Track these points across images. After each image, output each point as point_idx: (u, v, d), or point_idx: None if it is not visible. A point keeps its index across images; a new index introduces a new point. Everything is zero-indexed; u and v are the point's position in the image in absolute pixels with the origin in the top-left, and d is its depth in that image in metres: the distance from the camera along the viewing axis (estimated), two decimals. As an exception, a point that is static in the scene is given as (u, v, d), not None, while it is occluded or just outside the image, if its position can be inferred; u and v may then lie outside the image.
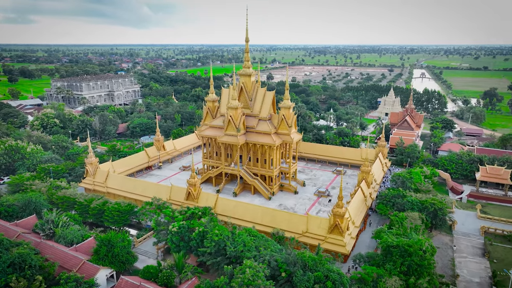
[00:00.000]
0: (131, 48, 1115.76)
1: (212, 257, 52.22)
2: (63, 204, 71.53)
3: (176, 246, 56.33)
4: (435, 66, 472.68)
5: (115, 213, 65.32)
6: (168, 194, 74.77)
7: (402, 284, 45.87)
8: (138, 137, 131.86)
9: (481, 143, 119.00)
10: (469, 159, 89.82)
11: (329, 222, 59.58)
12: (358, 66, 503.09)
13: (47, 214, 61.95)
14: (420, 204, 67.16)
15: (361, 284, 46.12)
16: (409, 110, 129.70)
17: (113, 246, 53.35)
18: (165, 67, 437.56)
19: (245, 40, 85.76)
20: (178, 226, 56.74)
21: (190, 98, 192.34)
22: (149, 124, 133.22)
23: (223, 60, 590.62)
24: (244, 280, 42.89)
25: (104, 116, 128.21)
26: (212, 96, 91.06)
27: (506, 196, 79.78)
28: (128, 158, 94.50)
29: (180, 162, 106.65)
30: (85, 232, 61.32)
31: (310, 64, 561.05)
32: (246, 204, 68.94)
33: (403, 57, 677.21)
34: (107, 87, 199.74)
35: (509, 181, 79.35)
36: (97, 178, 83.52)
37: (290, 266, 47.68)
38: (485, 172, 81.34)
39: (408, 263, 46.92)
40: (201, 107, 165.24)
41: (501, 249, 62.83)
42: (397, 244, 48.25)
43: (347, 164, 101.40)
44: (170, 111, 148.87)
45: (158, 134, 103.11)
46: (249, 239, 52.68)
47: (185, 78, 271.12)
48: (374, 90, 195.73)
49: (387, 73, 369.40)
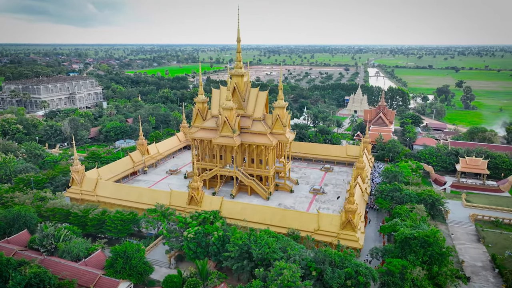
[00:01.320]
0: (77, 48, 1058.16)
1: (236, 261, 51.34)
2: (55, 217, 66.45)
3: (193, 253, 54.65)
4: (385, 65, 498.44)
5: (118, 222, 61.89)
6: (167, 199, 72.11)
7: (425, 273, 48.14)
8: (112, 142, 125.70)
9: (448, 136, 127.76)
10: (447, 152, 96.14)
11: (341, 218, 60.88)
12: (314, 65, 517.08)
13: (46, 228, 57.20)
14: (417, 196, 70.80)
15: (389, 276, 47.75)
16: (381, 107, 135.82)
17: (130, 258, 50.59)
18: (119, 67, 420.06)
19: (237, 40, 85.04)
20: (194, 231, 55.14)
21: (158, 99, 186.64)
22: (123, 127, 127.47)
23: (180, 60, 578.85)
24: (284, 282, 42.68)
25: (74, 120, 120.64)
26: (201, 98, 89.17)
27: (484, 185, 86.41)
28: (113, 164, 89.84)
29: (165, 166, 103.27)
30: (88, 244, 57.48)
31: (268, 64, 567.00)
32: (254, 206, 68.44)
33: (354, 56, 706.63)
34: (67, 90, 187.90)
35: (486, 171, 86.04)
36: (84, 186, 78.48)
37: (320, 264, 48.21)
38: (465, 164, 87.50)
39: (430, 253, 49.33)
40: (174, 109, 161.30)
41: (491, 234, 68.00)
42: (417, 235, 50.50)
43: (333, 161, 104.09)
44: (143, 113, 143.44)
45: (142, 137, 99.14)
46: (272, 240, 52.44)
47: (147, 79, 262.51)
48: (340, 89, 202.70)
49: (344, 72, 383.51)
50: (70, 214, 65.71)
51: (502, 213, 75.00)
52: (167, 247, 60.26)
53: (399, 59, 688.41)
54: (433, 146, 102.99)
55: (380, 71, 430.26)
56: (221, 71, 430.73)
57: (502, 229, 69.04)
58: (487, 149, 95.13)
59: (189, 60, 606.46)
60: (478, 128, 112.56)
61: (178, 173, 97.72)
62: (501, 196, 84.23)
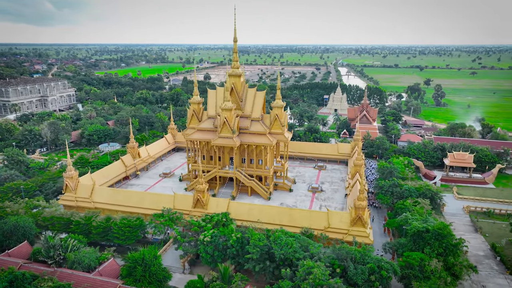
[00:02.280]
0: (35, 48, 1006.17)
1: (257, 263, 51.05)
2: (55, 226, 63.13)
3: (210, 256, 53.78)
4: (354, 64, 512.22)
5: (126, 229, 59.75)
6: (171, 203, 70.39)
7: (442, 265, 50.07)
8: (95, 146, 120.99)
9: (428, 132, 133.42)
10: (433, 147, 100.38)
11: (351, 215, 62.04)
12: (285, 65, 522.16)
13: (51, 238, 54.20)
14: (416, 191, 73.44)
15: (408, 269, 49.24)
16: (364, 105, 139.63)
17: (148, 265, 49.00)
18: (86, 68, 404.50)
19: (233, 40, 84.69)
20: (210, 235, 54.26)
21: (136, 101, 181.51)
22: (106, 130, 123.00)
23: (149, 60, 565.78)
24: (316, 281, 42.96)
25: (55, 124, 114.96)
26: (196, 99, 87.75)
27: (471, 177, 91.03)
28: (106, 169, 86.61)
29: (156, 169, 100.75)
30: (97, 253, 55.08)
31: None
32: (261, 206, 68.33)
33: (322, 56, 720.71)
34: (38, 92, 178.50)
35: (472, 165, 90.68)
36: (79, 193, 75.05)
37: (342, 261, 48.96)
38: (453, 158, 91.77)
39: (445, 245, 51.37)
40: (156, 110, 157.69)
41: (486, 224, 71.76)
42: (431, 228, 52.42)
43: (325, 159, 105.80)
44: (124, 115, 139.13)
45: (132, 140, 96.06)
46: (291, 240, 52.59)
47: (120, 80, 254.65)
48: (318, 88, 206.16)
49: (316, 72, 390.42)
50: (71, 222, 62.70)
51: (492, 204, 79.26)
52: (178, 252, 59.02)
53: (365, 58, 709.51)
54: (419, 142, 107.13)
55: (350, 70, 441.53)
56: (192, 71, 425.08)
57: (494, 219, 73.09)
58: (470, 144, 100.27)
59: (158, 60, 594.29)
60: (458, 124, 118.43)
61: (172, 176, 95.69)
62: (486, 188, 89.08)
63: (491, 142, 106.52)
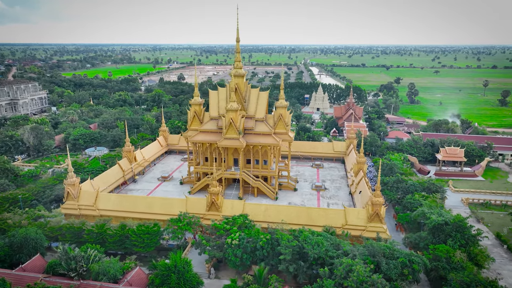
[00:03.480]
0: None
1: (290, 263, 50.97)
2: (65, 236, 59.76)
3: (239, 259, 53.07)
4: (323, 64, 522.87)
5: (144, 236, 57.64)
6: (183, 207, 68.68)
7: (465, 255, 52.36)
8: (81, 150, 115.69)
9: (413, 129, 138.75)
10: (424, 143, 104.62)
11: (368, 211, 63.38)
12: (256, 64, 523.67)
13: (71, 250, 51.25)
14: (420, 185, 76.26)
15: (436, 261, 51.07)
16: (350, 104, 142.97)
17: (181, 272, 47.58)
18: (50, 69, 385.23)
19: (236, 40, 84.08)
20: (237, 238, 53.54)
21: (114, 103, 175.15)
22: (92, 134, 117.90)
23: (116, 61, 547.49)
24: (359, 278, 43.56)
25: (38, 129, 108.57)
26: (197, 100, 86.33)
27: (462, 171, 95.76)
28: (105, 175, 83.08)
29: (153, 173, 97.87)
30: (119, 263, 52.75)
31: (209, 63, 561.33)
32: (278, 206, 68.26)
33: (291, 56, 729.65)
34: (7, 95, 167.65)
35: (463, 159, 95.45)
36: (82, 200, 71.45)
37: (375, 257, 49.95)
38: (445, 153, 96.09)
39: (467, 236, 53.75)
40: (138, 112, 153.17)
41: (485, 215, 75.75)
42: (452, 221, 54.69)
43: (320, 157, 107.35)
44: (108, 118, 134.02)
45: (128, 144, 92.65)
46: (321, 239, 53.00)
47: (92, 81, 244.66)
48: (299, 87, 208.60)
49: (288, 71, 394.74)
50: (83, 231, 59.59)
51: (485, 195, 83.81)
52: (198, 257, 57.84)
53: (332, 58, 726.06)
54: (409, 138, 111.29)
55: (321, 70, 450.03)
56: (164, 72, 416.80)
57: (492, 210, 77.34)
58: (457, 139, 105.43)
59: (124, 60, 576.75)
60: (442, 120, 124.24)
61: (171, 179, 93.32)
62: (477, 180, 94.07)
63: (475, 136, 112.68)
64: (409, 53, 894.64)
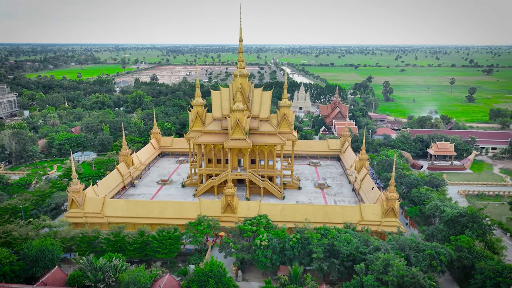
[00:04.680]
0: None
1: (322, 261, 51.33)
2: (80, 247, 56.71)
3: (269, 261, 52.73)
4: (293, 63, 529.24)
5: (167, 242, 55.88)
6: (197, 210, 67.19)
7: (483, 244, 55.05)
8: (67, 156, 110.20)
9: (395, 126, 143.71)
10: (414, 139, 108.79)
11: (383, 207, 65.00)
12: (226, 64, 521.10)
13: (97, 260, 48.72)
14: (422, 179, 79.25)
15: (459, 252, 53.26)
16: (336, 102, 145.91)
17: (218, 276, 46.62)
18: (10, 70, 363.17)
19: (239, 39, 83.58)
20: (267, 239, 53.20)
21: (92, 105, 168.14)
22: (78, 138, 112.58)
23: (81, 62, 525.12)
24: (399, 272, 44.63)
25: (20, 134, 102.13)
26: (199, 101, 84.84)
27: (452, 165, 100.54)
28: (105, 180, 79.62)
29: (150, 177, 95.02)
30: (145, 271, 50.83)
31: (178, 64, 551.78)
32: (294, 205, 68.54)
33: (259, 55, 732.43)
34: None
35: (453, 153, 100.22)
36: (88, 208, 68.06)
37: (404, 250, 51.39)
38: (437, 148, 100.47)
39: (484, 226, 56.52)
40: (120, 114, 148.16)
41: (482, 205, 79.86)
42: (469, 212, 57.31)
43: (316, 156, 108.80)
44: (92, 121, 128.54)
45: (125, 147, 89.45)
46: (348, 236, 53.79)
47: (62, 83, 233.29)
48: (279, 87, 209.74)
49: (261, 71, 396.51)
50: (98, 240, 56.83)
51: (478, 187, 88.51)
52: (225, 260, 56.84)
53: (299, 57, 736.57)
54: (398, 135, 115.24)
55: (293, 69, 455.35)
56: (134, 72, 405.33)
57: (487, 200, 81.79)
58: (443, 134, 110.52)
59: (89, 61, 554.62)
60: (426, 117, 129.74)
61: (171, 182, 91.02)
62: (466, 173, 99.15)
63: (458, 132, 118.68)
64: (372, 53, 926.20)
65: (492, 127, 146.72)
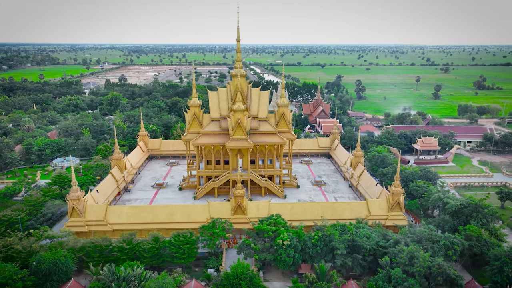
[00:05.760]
0: None
1: (345, 257, 52.20)
2: (91, 257, 53.85)
3: (292, 260, 52.86)
4: (261, 63, 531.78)
5: (185, 246, 54.43)
6: (206, 212, 66.06)
7: (488, 232, 58.36)
8: (47, 162, 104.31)
9: (374, 123, 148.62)
10: (399, 135, 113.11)
11: (389, 201, 67.08)
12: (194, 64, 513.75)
13: (120, 270, 46.50)
14: (416, 173, 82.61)
15: (469, 240, 56.08)
16: (318, 101, 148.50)
17: (248, 278, 46.12)
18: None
19: (236, 39, 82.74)
20: (288, 238, 53.30)
21: (64, 108, 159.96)
22: (59, 143, 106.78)
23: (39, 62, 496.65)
24: (424, 263, 46.32)
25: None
26: (196, 101, 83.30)
27: (436, 158, 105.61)
28: (101, 186, 76.12)
29: (143, 181, 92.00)
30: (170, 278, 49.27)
31: (143, 64, 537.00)
32: (303, 204, 69.10)
33: (225, 55, 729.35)
34: None
35: (438, 147, 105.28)
36: (90, 216, 64.78)
37: (423, 242, 53.39)
38: (422, 143, 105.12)
39: (487, 215, 59.89)
40: (98, 117, 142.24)
41: (471, 195, 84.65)
42: (472, 203, 60.53)
43: (306, 154, 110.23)
44: (71, 124, 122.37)
45: (118, 151, 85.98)
46: (365, 230, 55.08)
47: (25, 85, 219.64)
48: (255, 86, 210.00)
49: (231, 71, 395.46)
50: (111, 250, 54.30)
51: (463, 179, 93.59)
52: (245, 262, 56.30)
53: (265, 57, 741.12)
54: (383, 131, 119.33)
55: (262, 69, 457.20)
56: (99, 73, 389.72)
57: (474, 191, 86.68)
58: (425, 130, 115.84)
59: (47, 62, 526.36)
60: (405, 113, 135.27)
61: (167, 186, 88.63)
62: (449, 166, 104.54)
63: (437, 127, 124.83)
64: (334, 52, 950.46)
65: (462, 122, 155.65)
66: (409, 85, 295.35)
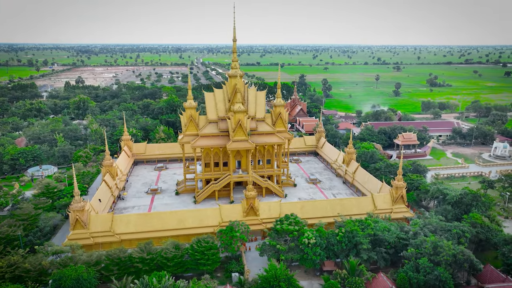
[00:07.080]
0: None
1: (370, 251, 53.69)
2: (111, 271, 50.71)
3: (319, 258, 53.44)
4: (220, 63, 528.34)
5: (209, 253, 53.02)
6: (218, 216, 64.80)
7: (488, 218, 62.90)
8: (22, 171, 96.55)
9: (349, 120, 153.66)
10: (379, 131, 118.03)
11: (392, 195, 69.95)
12: (150, 65, 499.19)
13: (152, 281, 44.23)
14: (407, 167, 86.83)
15: (475, 227, 59.99)
16: (295, 100, 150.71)
17: (285, 279, 46.01)
18: None
19: (233, 39, 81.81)
20: (313, 237, 53.83)
21: (26, 113, 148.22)
22: (34, 151, 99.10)
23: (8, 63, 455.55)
24: (450, 252, 48.93)
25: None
26: (192, 103, 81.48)
27: (416, 152, 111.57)
28: (97, 195, 71.66)
29: (135, 187, 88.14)
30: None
31: (95, 65, 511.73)
32: (313, 202, 69.83)
33: (182, 55, 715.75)
34: None
35: (417, 142, 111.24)
36: (95, 227, 61.00)
37: (437, 231, 56.31)
38: (403, 138, 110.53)
39: (486, 203, 64.45)
40: (68, 123, 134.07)
41: (454, 186, 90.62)
42: (472, 192, 64.87)
43: (294, 152, 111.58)
44: (41, 131, 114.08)
45: (109, 157, 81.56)
46: (384, 225, 57.10)
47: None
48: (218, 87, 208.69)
49: (194, 71, 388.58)
50: (132, 260, 51.54)
51: (445, 170, 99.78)
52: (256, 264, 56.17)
53: (222, 57, 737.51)
54: (364, 128, 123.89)
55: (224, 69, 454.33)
56: (50, 75, 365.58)
57: (457, 182, 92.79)
58: (402, 126, 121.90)
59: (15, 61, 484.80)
60: (380, 110, 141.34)
61: (162, 191, 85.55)
62: (428, 159, 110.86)
63: (411, 122, 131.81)
64: (289, 52, 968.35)
65: (426, 118, 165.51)
66: (369, 83, 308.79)
